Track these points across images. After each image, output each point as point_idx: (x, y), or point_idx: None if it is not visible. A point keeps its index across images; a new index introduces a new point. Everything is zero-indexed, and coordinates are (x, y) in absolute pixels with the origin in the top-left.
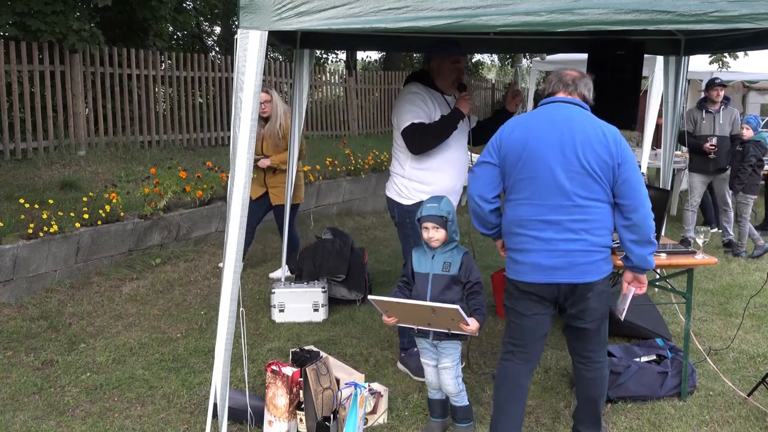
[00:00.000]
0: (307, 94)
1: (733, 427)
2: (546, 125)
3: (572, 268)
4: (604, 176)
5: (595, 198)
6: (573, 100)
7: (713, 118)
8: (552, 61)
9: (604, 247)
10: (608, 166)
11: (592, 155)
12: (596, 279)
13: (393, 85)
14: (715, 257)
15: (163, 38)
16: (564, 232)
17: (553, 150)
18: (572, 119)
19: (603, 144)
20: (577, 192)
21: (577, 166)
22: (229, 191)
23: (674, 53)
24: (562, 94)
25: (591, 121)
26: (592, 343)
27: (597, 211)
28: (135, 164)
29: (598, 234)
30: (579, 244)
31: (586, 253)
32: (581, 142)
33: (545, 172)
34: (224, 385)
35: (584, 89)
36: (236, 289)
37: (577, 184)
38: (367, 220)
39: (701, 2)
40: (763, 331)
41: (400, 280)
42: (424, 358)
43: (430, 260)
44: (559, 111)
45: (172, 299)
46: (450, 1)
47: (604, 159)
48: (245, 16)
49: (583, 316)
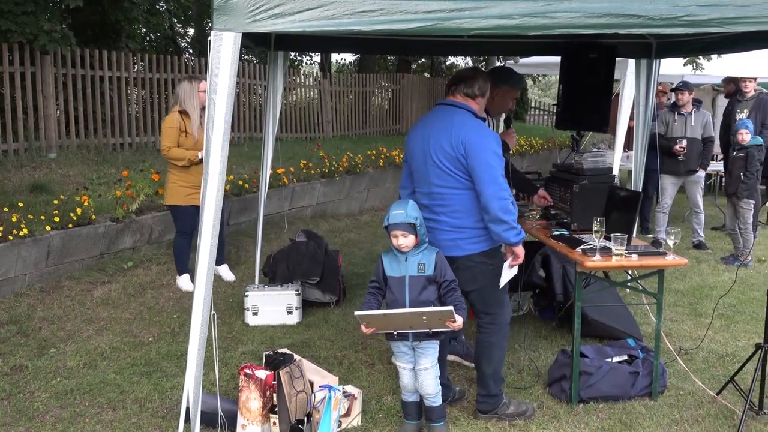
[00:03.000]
0: (281, 96)
1: (702, 425)
2: (420, 128)
3: (435, 243)
4: (453, 167)
5: (449, 186)
6: (450, 102)
7: (685, 120)
8: (525, 64)
9: (462, 227)
10: (453, 158)
11: (440, 150)
12: (458, 254)
13: (367, 88)
14: (685, 258)
15: (136, 40)
16: (431, 214)
17: (419, 147)
18: (438, 120)
19: (449, 140)
20: (434, 181)
21: (431, 159)
22: (202, 194)
23: (646, 56)
24: (450, 97)
25: (453, 120)
26: (478, 309)
27: (454, 198)
28: (107, 167)
29: (456, 216)
30: (440, 224)
31: (444, 232)
32: (434, 140)
33: (417, 166)
34: (197, 389)
35: (467, 89)
36: (209, 292)
37: (434, 175)
38: (341, 223)
39: (671, 6)
40: (731, 331)
41: (371, 285)
42: (401, 362)
43: (403, 263)
44: (435, 113)
45: (144, 303)
46: (424, 4)
47: (448, 152)
48: (219, 18)
49: (461, 285)
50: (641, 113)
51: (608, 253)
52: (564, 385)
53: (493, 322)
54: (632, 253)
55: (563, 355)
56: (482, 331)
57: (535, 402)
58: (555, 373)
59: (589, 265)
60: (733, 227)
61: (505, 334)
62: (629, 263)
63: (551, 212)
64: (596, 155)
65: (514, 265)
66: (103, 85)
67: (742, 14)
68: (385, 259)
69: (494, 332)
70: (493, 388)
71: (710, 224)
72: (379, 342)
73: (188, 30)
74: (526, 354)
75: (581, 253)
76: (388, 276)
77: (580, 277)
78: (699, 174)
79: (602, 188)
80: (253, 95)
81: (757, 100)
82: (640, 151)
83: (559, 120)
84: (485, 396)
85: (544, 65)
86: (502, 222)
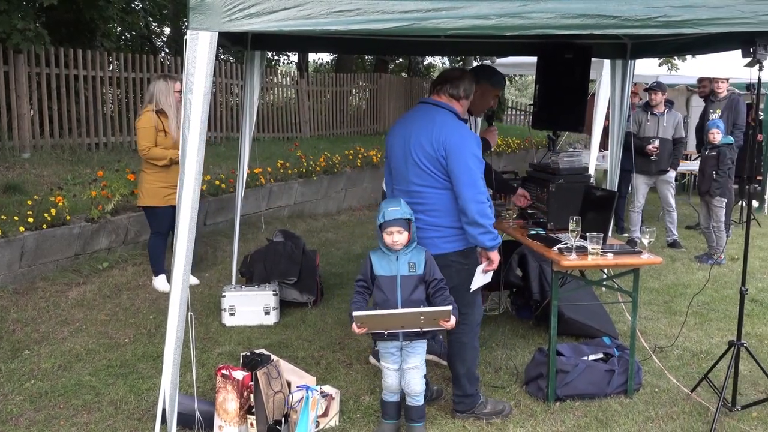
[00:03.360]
0: (258, 96)
1: (677, 422)
2: (401, 126)
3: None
4: (432, 166)
5: (427, 185)
6: (435, 101)
7: (657, 120)
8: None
9: (439, 226)
10: (433, 158)
11: (420, 149)
12: (434, 253)
13: (345, 87)
14: (660, 257)
15: (111, 39)
16: None
17: (399, 145)
18: (419, 118)
19: (429, 139)
20: (413, 180)
21: (411, 158)
22: (179, 194)
23: (621, 57)
24: (433, 96)
25: (434, 120)
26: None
27: (432, 196)
28: (82, 167)
29: (433, 215)
30: (417, 222)
31: (421, 230)
32: (415, 138)
33: (396, 164)
34: (173, 391)
35: (452, 89)
36: (185, 292)
37: (413, 174)
38: (318, 223)
39: (646, 8)
40: (705, 328)
41: (358, 284)
42: (388, 363)
43: (394, 262)
44: (416, 112)
45: (119, 304)
46: (401, 4)
47: (428, 151)
48: (195, 17)
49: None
50: (616, 113)
51: (584, 252)
52: (541, 384)
53: (464, 322)
54: (608, 252)
55: (540, 353)
56: (453, 331)
57: (512, 401)
58: (532, 372)
59: (566, 264)
60: (707, 226)
61: (477, 333)
62: (605, 262)
63: (528, 212)
64: (572, 155)
65: (488, 271)
66: (78, 84)
67: (714, 15)
68: (374, 258)
69: (466, 332)
70: (469, 388)
71: (684, 223)
72: (356, 342)
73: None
74: (503, 353)
75: (558, 252)
76: (377, 275)
77: (557, 276)
78: (670, 174)
79: (578, 188)
80: (229, 95)
81: (729, 100)
82: (616, 150)
83: (535, 120)
84: (461, 396)
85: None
86: (478, 225)
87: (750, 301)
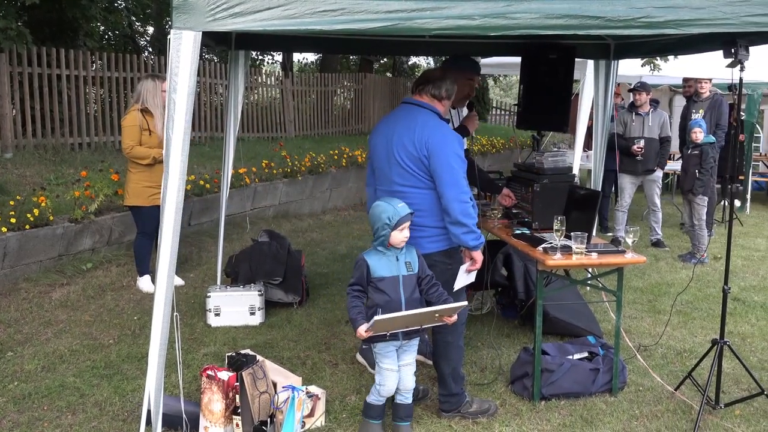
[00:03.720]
0: (243, 95)
1: (661, 420)
2: (384, 126)
3: None
4: (415, 167)
5: (410, 185)
6: (417, 101)
7: (642, 120)
8: (486, 64)
9: (423, 226)
10: (416, 158)
11: (403, 149)
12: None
13: (329, 87)
14: (644, 256)
15: (94, 38)
16: None
17: (382, 146)
18: (402, 118)
19: (412, 139)
20: (396, 180)
21: (394, 158)
22: (163, 194)
23: (604, 57)
24: (415, 96)
25: (416, 120)
26: None
27: (416, 196)
28: (65, 167)
29: (417, 215)
30: None
31: None
32: (398, 139)
33: (379, 164)
34: (158, 392)
35: (434, 90)
36: (170, 293)
37: (396, 174)
38: (303, 223)
39: (629, 8)
40: (689, 327)
41: (355, 290)
42: (389, 364)
43: (395, 263)
44: (399, 112)
45: (104, 305)
46: (385, 4)
47: (411, 151)
48: (178, 17)
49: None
50: (600, 113)
51: (569, 252)
52: (526, 383)
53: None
54: (592, 252)
55: (525, 352)
56: (438, 330)
57: (497, 400)
58: (517, 371)
59: (551, 264)
60: (691, 225)
61: (461, 333)
62: (589, 261)
63: (513, 211)
64: (556, 155)
65: (471, 271)
66: (61, 83)
67: (696, 16)
68: (371, 261)
69: (451, 331)
70: (454, 387)
71: (668, 222)
72: (342, 342)
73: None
74: (488, 352)
75: (542, 251)
76: (376, 277)
77: (542, 276)
78: (657, 173)
79: (563, 187)
80: (214, 94)
81: (713, 100)
82: (599, 150)
83: (520, 120)
84: (447, 395)
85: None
86: (461, 225)
87: (733, 300)
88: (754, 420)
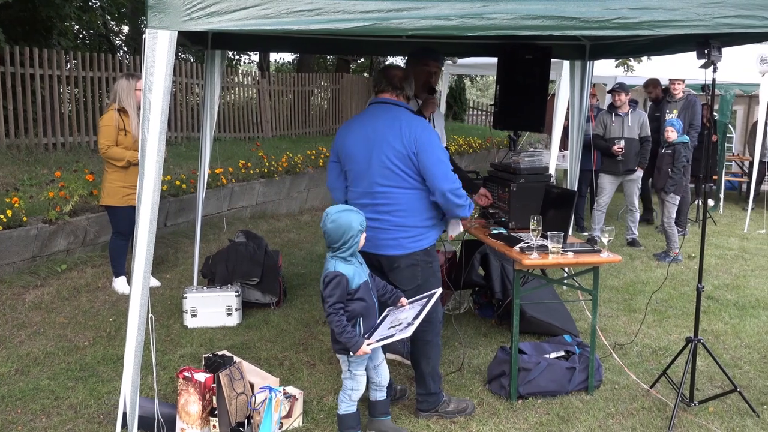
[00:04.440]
0: (219, 95)
1: (637, 418)
2: (359, 126)
3: (375, 241)
4: (403, 165)
5: (394, 185)
6: (393, 101)
7: (622, 121)
8: (463, 64)
9: (405, 226)
10: (404, 156)
11: (390, 149)
12: (399, 253)
13: (306, 87)
14: (619, 255)
15: (68, 37)
16: (373, 213)
17: (361, 147)
18: (380, 118)
19: (399, 138)
20: (378, 181)
21: (377, 159)
22: (138, 194)
23: (579, 58)
24: (387, 95)
25: (398, 118)
26: None
27: (398, 196)
28: (39, 167)
29: (399, 215)
30: (382, 223)
31: (387, 231)
32: (381, 139)
33: (356, 165)
34: (134, 394)
35: (409, 90)
36: (146, 294)
37: (379, 175)
38: (281, 223)
39: (604, 9)
40: (664, 325)
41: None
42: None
43: (360, 267)
44: (373, 112)
45: (78, 306)
46: (362, 4)
47: (399, 150)
48: (154, 16)
49: (398, 284)
50: (575, 114)
51: (545, 251)
52: (503, 382)
53: (428, 320)
54: (568, 251)
55: (502, 352)
56: (417, 329)
57: (475, 399)
58: (494, 370)
59: (527, 263)
60: (662, 222)
61: (439, 331)
62: (566, 261)
63: (489, 211)
64: (533, 155)
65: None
66: (35, 83)
67: (670, 18)
68: (348, 273)
69: (429, 330)
70: (433, 387)
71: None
72: (320, 343)
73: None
74: (465, 351)
75: (519, 251)
76: (354, 288)
77: (518, 275)
78: (637, 173)
79: (539, 187)
80: (190, 94)
81: (686, 101)
82: (575, 150)
83: (496, 120)
84: (425, 395)
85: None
86: (459, 206)
87: (706, 298)
88: (727, 416)
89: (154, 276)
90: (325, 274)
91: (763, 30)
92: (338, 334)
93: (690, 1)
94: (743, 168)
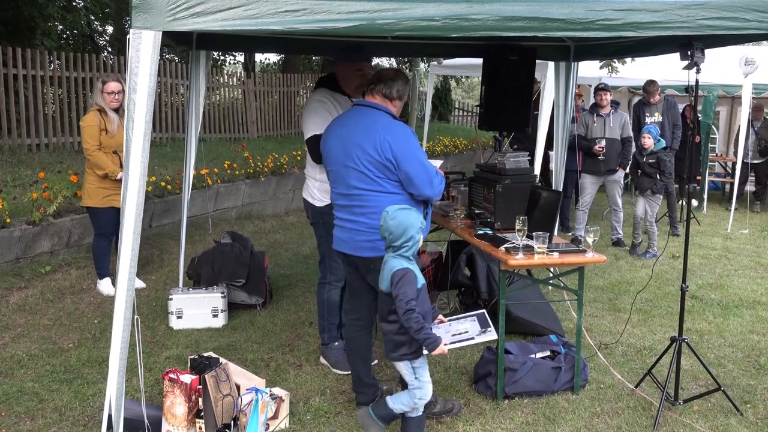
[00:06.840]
0: (204, 96)
1: (622, 417)
2: (337, 128)
3: (352, 243)
4: (378, 170)
5: (369, 188)
6: (370, 103)
7: (604, 121)
8: (448, 65)
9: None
10: (378, 162)
11: (363, 154)
12: (375, 255)
13: (292, 88)
14: (604, 255)
15: (52, 37)
16: (349, 215)
17: (337, 148)
18: (358, 122)
19: (373, 144)
20: (353, 183)
21: (352, 162)
22: (123, 195)
23: (564, 59)
24: (366, 98)
25: (376, 123)
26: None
27: (373, 199)
28: (22, 168)
29: (375, 218)
30: (357, 225)
31: (362, 233)
32: (355, 142)
33: (334, 167)
34: (119, 396)
35: (385, 89)
36: (131, 295)
37: (353, 177)
38: (267, 224)
39: (588, 11)
40: (648, 325)
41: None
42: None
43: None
44: (353, 113)
45: (63, 308)
46: (347, 4)
47: (372, 156)
48: (138, 16)
49: (375, 284)
50: (560, 115)
51: (531, 252)
52: (489, 382)
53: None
54: (554, 251)
55: (488, 352)
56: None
57: (461, 399)
58: (480, 370)
59: (513, 264)
60: (652, 223)
61: None
62: (551, 261)
63: (475, 211)
64: (518, 155)
65: None
66: (18, 83)
67: (654, 19)
68: (415, 270)
69: None
70: None
71: (628, 221)
72: (306, 343)
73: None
74: (452, 352)
75: (505, 251)
76: (419, 288)
77: (504, 275)
78: (618, 174)
79: (524, 188)
80: (175, 95)
81: (666, 103)
82: (560, 151)
83: (482, 121)
84: None
85: (467, 67)
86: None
87: (690, 298)
88: (711, 415)
89: (139, 277)
90: (393, 272)
91: (744, 32)
92: (416, 331)
93: (673, 3)
94: (726, 168)
